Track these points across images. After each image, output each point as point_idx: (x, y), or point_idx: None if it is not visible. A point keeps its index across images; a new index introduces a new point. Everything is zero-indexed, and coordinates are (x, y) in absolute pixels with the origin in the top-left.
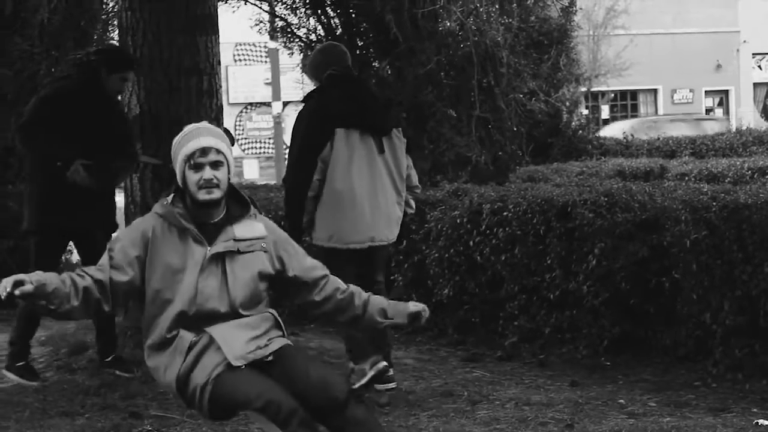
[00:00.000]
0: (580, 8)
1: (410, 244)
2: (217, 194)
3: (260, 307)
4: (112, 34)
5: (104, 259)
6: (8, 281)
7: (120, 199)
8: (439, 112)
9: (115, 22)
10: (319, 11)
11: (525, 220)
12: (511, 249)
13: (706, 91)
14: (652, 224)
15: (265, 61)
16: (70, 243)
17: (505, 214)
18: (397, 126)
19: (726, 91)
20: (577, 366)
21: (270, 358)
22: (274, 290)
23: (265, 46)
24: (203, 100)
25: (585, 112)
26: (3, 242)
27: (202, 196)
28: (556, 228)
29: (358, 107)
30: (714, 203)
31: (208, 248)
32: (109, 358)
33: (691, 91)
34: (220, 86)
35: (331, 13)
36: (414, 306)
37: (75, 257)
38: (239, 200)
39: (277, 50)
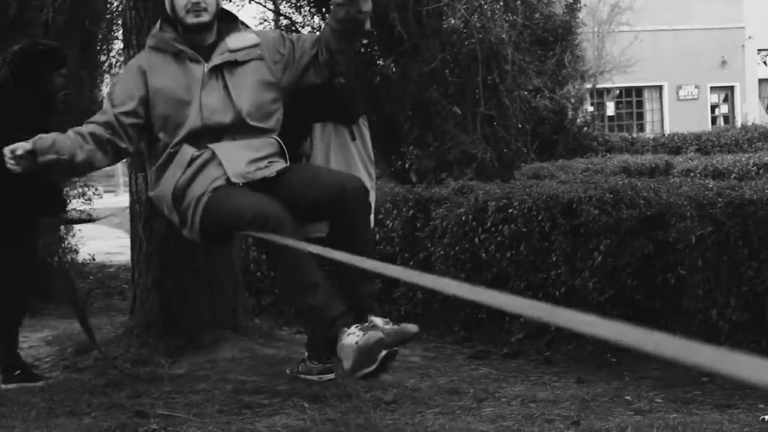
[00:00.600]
0: (585, 5)
1: (415, 242)
2: (205, 17)
3: (270, 122)
4: (116, 34)
5: (105, 103)
6: (5, 150)
7: (127, 198)
8: (444, 110)
9: (119, 22)
10: (324, 9)
11: (530, 217)
12: (517, 246)
13: (711, 88)
14: (657, 220)
15: None
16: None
17: (510, 211)
18: (364, 113)
19: (731, 87)
20: (583, 363)
21: (273, 175)
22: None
23: None
24: None
25: (590, 108)
26: None
27: (191, 19)
28: (561, 225)
29: (328, 99)
30: (719, 199)
31: (206, 64)
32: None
33: (696, 87)
34: None
35: None
36: None
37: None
38: (226, 17)
39: None
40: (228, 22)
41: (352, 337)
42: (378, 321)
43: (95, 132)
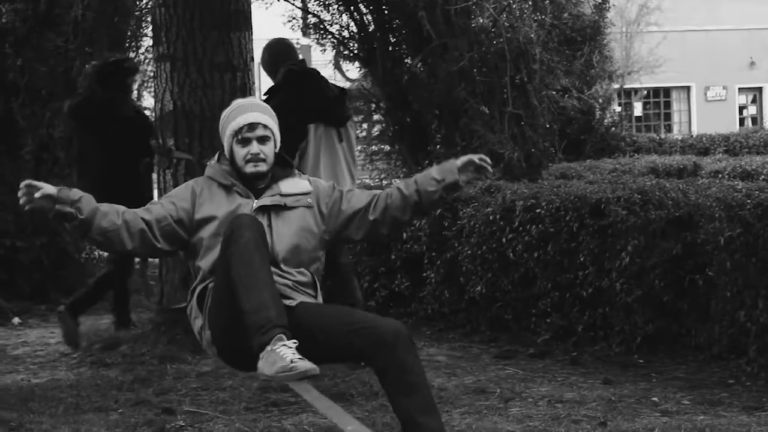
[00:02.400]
0: (613, 5)
1: (443, 241)
2: (263, 168)
3: (305, 270)
4: (145, 31)
5: (149, 205)
6: (24, 183)
7: (154, 195)
8: (472, 109)
9: (148, 19)
10: (352, 8)
11: (558, 217)
12: (544, 246)
13: (739, 89)
14: (685, 221)
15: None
16: None
17: (538, 211)
18: (350, 116)
19: (760, 89)
20: (610, 363)
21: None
22: (339, 241)
23: (297, 43)
24: (236, 96)
25: (618, 109)
26: (36, 239)
27: (249, 169)
28: (589, 225)
29: (320, 101)
30: (748, 201)
31: (255, 201)
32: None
33: (724, 88)
34: (253, 83)
35: (364, 10)
36: (462, 159)
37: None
38: (282, 163)
39: (309, 47)
40: (283, 167)
41: None
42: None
43: (130, 214)
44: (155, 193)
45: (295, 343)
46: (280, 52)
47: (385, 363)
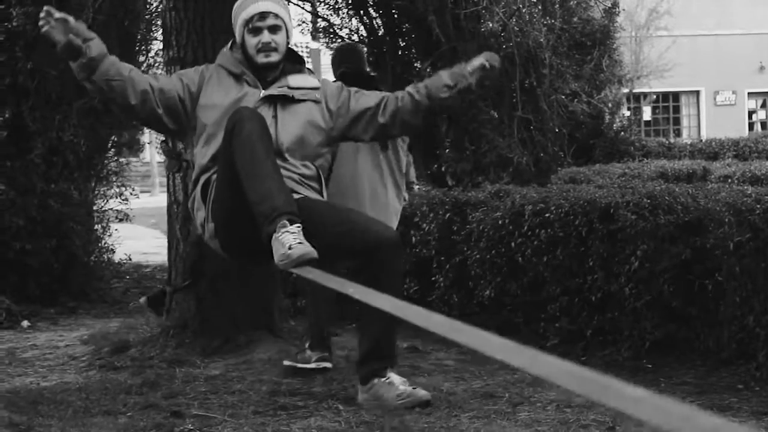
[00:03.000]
0: (623, 9)
1: (451, 245)
2: (275, 57)
3: (309, 163)
4: (155, 34)
5: (157, 74)
6: (46, 7)
7: (163, 198)
8: (481, 113)
9: (158, 22)
10: (362, 12)
11: (567, 222)
12: (553, 250)
13: (749, 93)
14: (695, 226)
15: (307, 62)
16: None
17: (547, 215)
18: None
19: None
20: (619, 368)
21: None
22: (348, 138)
23: (306, 47)
24: None
25: (627, 113)
26: (46, 242)
27: (261, 59)
28: (598, 230)
29: None
30: (758, 206)
31: (262, 90)
32: None
33: (733, 92)
34: None
35: (374, 14)
36: (473, 63)
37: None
38: (294, 59)
39: (319, 51)
40: (294, 62)
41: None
42: (396, 379)
43: (137, 73)
44: (166, 197)
45: (299, 227)
46: (344, 53)
47: (362, 265)
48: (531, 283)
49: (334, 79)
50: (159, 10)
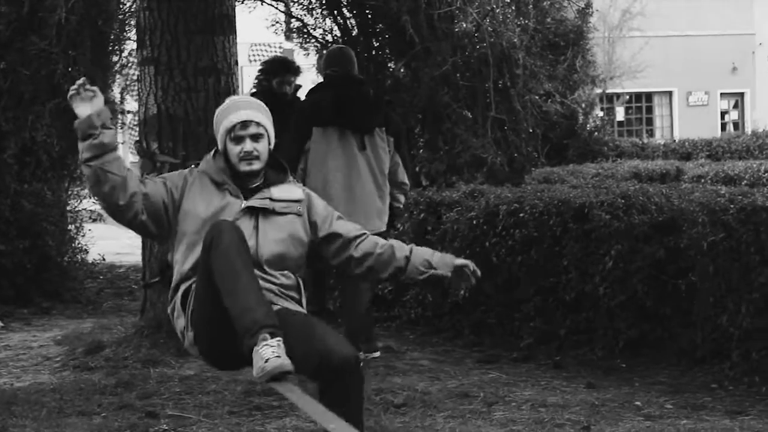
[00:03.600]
0: (596, 10)
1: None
2: (257, 166)
3: (289, 275)
4: (128, 34)
5: (142, 179)
6: (82, 79)
7: None
8: (455, 114)
9: (132, 22)
10: (336, 12)
11: (541, 222)
12: (528, 250)
13: (721, 94)
14: (669, 226)
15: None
16: None
17: (521, 215)
18: (380, 126)
19: (742, 94)
20: (593, 368)
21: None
22: (315, 257)
23: (280, 47)
24: (220, 99)
25: (600, 114)
26: (19, 242)
27: (243, 167)
28: (572, 229)
29: (340, 107)
30: (731, 205)
31: (243, 201)
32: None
33: (706, 93)
34: (238, 86)
35: (348, 14)
36: (462, 261)
37: None
38: (277, 167)
39: (293, 51)
40: (278, 171)
41: None
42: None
43: (132, 174)
44: None
45: (279, 340)
46: (333, 56)
47: (326, 386)
48: (505, 283)
49: (322, 80)
50: (132, 9)
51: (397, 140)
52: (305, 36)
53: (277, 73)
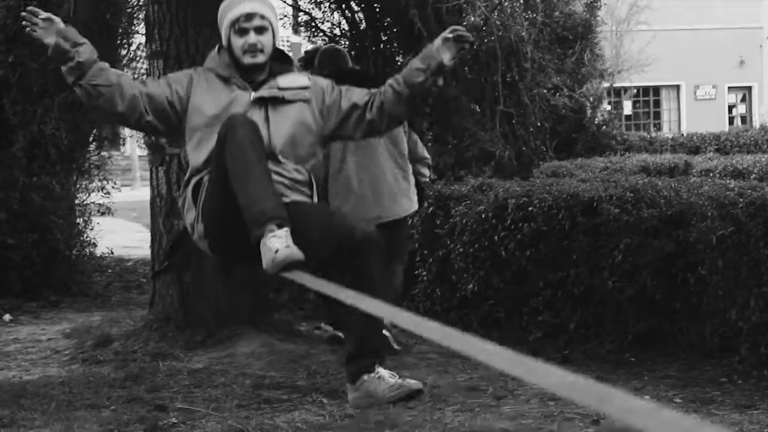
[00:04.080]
0: (604, 3)
1: (435, 239)
2: (261, 58)
3: (303, 164)
4: (137, 28)
5: (146, 79)
6: (30, 8)
7: (144, 192)
8: (463, 107)
9: (140, 16)
10: (343, 5)
11: (550, 216)
12: (536, 244)
13: (729, 87)
14: (678, 220)
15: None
16: None
17: (530, 209)
18: None
19: (749, 88)
20: (602, 362)
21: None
22: (338, 137)
23: (287, 40)
24: None
25: (608, 107)
26: (28, 235)
27: (247, 60)
28: (581, 223)
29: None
30: (741, 199)
31: (252, 93)
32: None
33: (714, 87)
34: None
35: (355, 8)
36: (437, 40)
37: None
38: (282, 58)
39: (300, 45)
40: (282, 62)
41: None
42: (384, 373)
43: (126, 79)
44: (149, 191)
45: (286, 230)
46: (328, 57)
47: (347, 263)
48: (514, 277)
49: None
50: (141, 3)
51: (432, 136)
52: (313, 30)
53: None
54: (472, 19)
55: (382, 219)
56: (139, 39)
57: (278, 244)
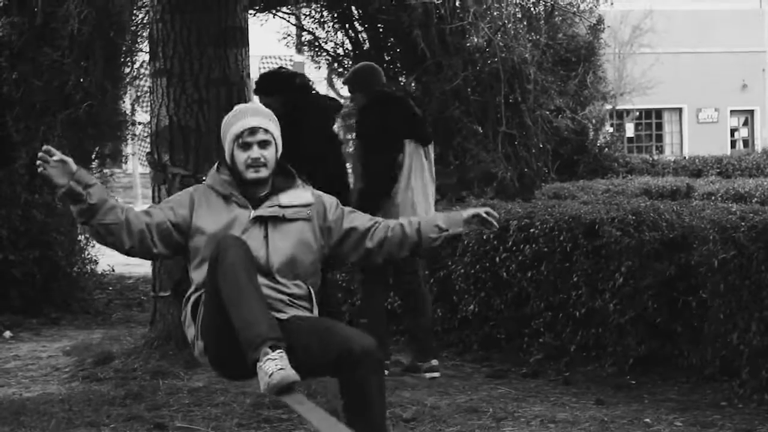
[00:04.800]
0: (608, 26)
1: (436, 260)
2: (264, 173)
3: (301, 284)
4: (141, 46)
5: (149, 208)
6: (45, 147)
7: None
8: (466, 128)
9: (144, 34)
10: (347, 26)
11: (552, 237)
12: (538, 266)
13: (731, 111)
14: (679, 243)
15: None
16: None
17: (531, 230)
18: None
19: (752, 111)
20: (603, 384)
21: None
22: (333, 257)
23: (290, 60)
24: None
25: (610, 130)
26: (29, 252)
27: (250, 174)
28: (582, 245)
29: (413, 120)
30: (743, 223)
31: (252, 211)
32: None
33: (716, 110)
34: (250, 98)
35: (359, 28)
36: (469, 211)
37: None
38: (285, 174)
39: (303, 64)
40: (285, 177)
41: None
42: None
43: (132, 214)
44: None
45: (281, 353)
46: (364, 75)
47: (347, 378)
48: (515, 298)
49: (367, 100)
50: (145, 21)
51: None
52: (316, 49)
53: None
54: (476, 40)
55: None
56: (143, 57)
57: (273, 367)
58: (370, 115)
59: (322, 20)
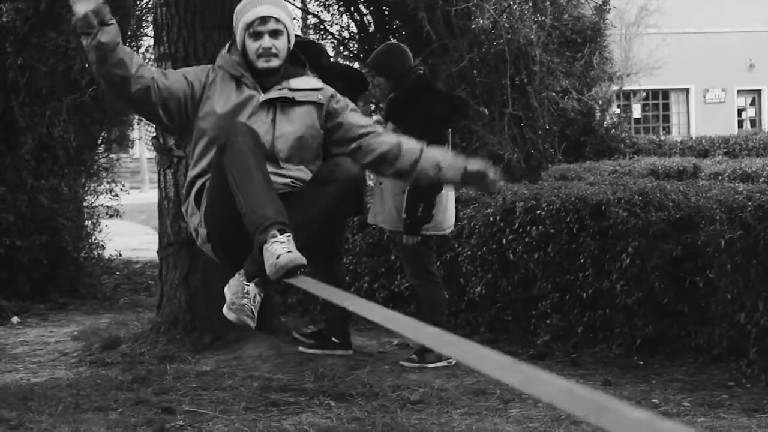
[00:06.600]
0: (614, 7)
1: (443, 242)
2: (275, 63)
3: (304, 169)
4: (145, 30)
5: (167, 71)
6: None
7: (152, 194)
8: (472, 110)
9: (149, 18)
10: (352, 8)
11: (558, 219)
12: (544, 247)
13: (738, 91)
14: (686, 223)
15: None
16: None
17: (538, 212)
18: None
19: (759, 91)
20: (610, 365)
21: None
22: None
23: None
24: None
25: (617, 111)
26: (36, 238)
27: (261, 64)
28: (589, 226)
29: (458, 107)
30: (749, 203)
31: (261, 94)
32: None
33: (723, 90)
34: None
35: (364, 11)
36: (474, 164)
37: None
38: (297, 62)
39: None
40: (297, 65)
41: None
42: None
43: (146, 70)
44: (157, 193)
45: (288, 236)
46: (389, 59)
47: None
48: (522, 280)
49: (411, 80)
50: (149, 6)
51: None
52: (322, 32)
53: None
54: (481, 22)
55: (450, 229)
56: (148, 41)
57: (280, 249)
58: (409, 103)
59: (327, 3)
